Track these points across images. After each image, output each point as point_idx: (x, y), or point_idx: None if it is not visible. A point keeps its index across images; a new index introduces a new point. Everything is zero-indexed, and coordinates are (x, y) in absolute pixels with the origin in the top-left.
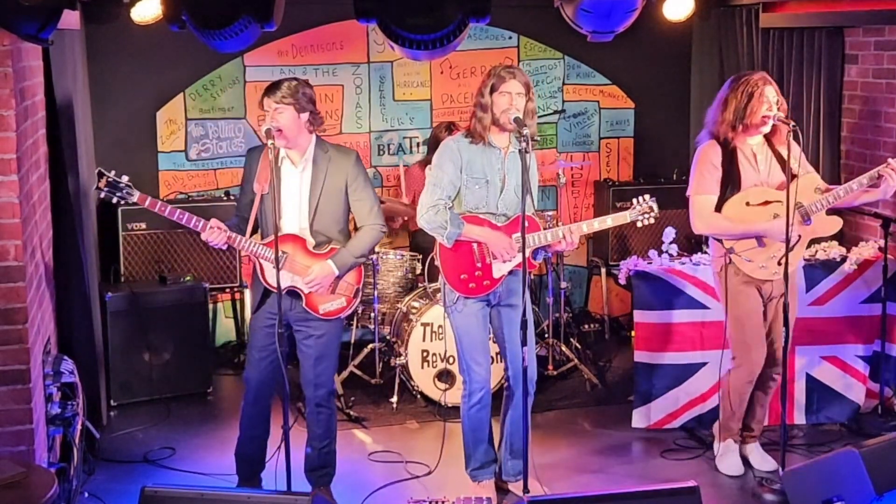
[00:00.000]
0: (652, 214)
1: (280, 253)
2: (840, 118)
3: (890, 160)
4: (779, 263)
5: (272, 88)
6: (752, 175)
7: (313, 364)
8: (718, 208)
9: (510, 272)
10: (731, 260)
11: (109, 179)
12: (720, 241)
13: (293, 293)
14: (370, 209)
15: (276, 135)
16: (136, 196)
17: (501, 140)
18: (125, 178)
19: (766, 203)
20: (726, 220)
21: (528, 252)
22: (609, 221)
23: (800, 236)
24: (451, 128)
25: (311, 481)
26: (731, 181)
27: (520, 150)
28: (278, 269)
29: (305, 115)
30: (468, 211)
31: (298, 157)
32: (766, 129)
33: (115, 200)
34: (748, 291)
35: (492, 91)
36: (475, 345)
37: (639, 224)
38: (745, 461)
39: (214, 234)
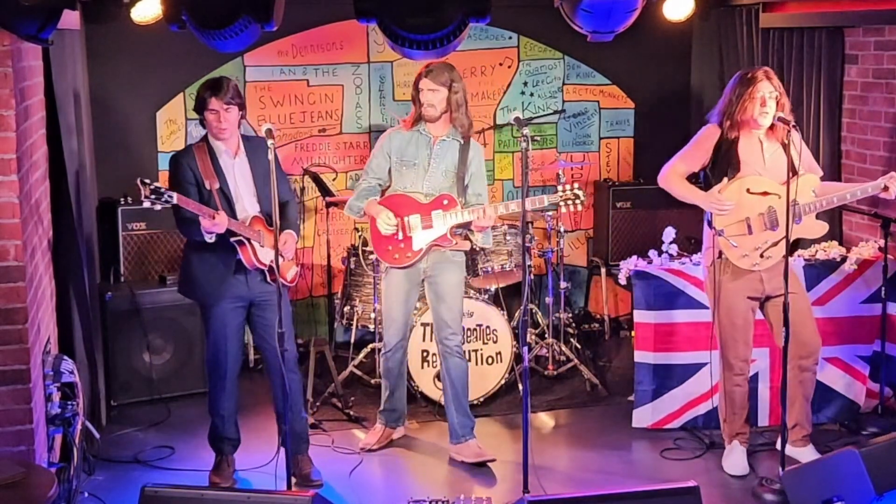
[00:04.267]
0: (578, 202)
1: (257, 232)
2: (840, 118)
3: (893, 172)
4: (762, 256)
5: (216, 89)
6: (756, 164)
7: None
8: (711, 185)
9: (433, 247)
10: (720, 255)
11: (152, 188)
12: (711, 226)
13: (265, 270)
14: (290, 187)
15: (223, 131)
16: (175, 198)
17: (437, 129)
18: (158, 184)
19: (766, 194)
20: (682, 185)
21: (446, 230)
22: (527, 205)
23: None
24: None
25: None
26: (730, 166)
27: (519, 144)
28: (273, 255)
29: (243, 112)
30: (397, 190)
31: (235, 148)
32: (760, 131)
33: (158, 207)
34: (737, 288)
35: (416, 87)
36: (391, 306)
37: (562, 209)
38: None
39: (221, 218)
